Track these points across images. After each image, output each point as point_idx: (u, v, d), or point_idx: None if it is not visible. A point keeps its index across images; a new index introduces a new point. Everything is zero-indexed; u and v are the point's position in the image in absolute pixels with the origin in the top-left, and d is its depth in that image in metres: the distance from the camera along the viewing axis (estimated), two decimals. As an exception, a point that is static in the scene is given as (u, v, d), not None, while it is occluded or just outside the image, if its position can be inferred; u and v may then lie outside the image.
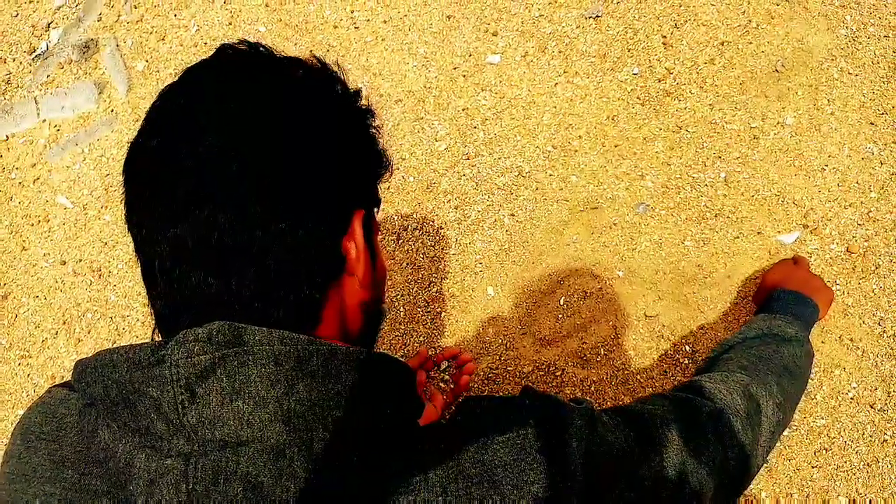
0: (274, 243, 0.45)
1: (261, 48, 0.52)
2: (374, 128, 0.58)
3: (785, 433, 1.09)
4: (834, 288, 1.13)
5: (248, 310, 0.46)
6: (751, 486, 1.09)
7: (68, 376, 1.46)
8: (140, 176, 0.48)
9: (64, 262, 1.50)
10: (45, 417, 0.49)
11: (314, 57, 0.55)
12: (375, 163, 0.58)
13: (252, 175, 0.45)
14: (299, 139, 0.48)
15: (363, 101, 0.57)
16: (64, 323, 1.47)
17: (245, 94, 0.48)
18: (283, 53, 0.54)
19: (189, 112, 0.47)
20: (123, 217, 0.50)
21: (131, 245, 0.49)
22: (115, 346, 0.46)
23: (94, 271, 1.48)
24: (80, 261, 1.49)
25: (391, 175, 0.61)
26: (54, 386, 0.53)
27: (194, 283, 0.45)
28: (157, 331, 0.49)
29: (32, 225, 1.55)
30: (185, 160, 0.45)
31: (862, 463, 1.07)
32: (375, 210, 0.60)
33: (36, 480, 0.46)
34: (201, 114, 0.47)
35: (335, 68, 0.55)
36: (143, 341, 0.45)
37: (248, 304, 0.46)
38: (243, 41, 0.52)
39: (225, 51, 0.52)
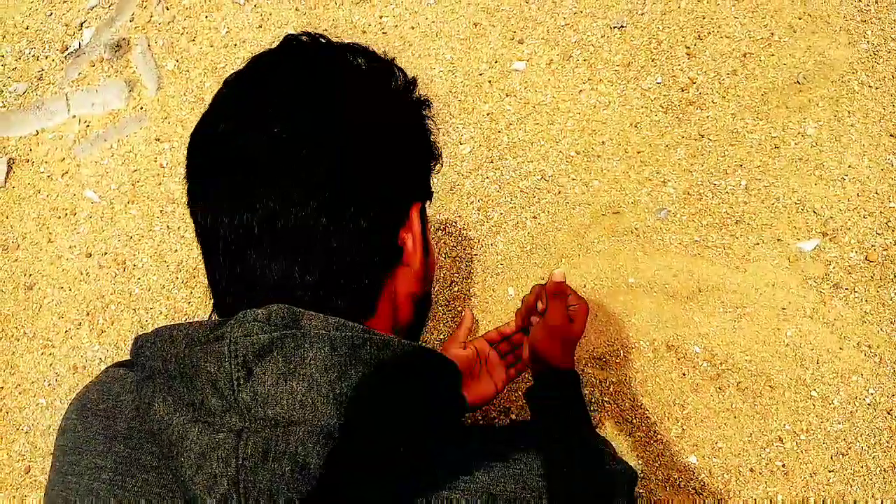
0: (338, 231, 0.46)
1: (322, 39, 0.53)
2: (430, 119, 0.59)
3: (801, 437, 1.11)
4: (852, 296, 1.15)
5: (310, 296, 0.46)
6: (766, 489, 1.10)
7: (91, 366, 1.48)
8: (206, 161, 0.49)
9: (89, 255, 1.52)
10: (101, 395, 0.51)
11: (375, 52, 0.56)
12: (431, 154, 0.59)
13: (320, 163, 0.46)
14: (365, 129, 0.49)
15: (419, 92, 0.58)
16: (87, 314, 1.49)
17: (312, 83, 0.49)
18: (343, 41, 0.54)
19: (256, 100, 0.48)
20: (185, 202, 0.50)
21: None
22: (173, 322, 0.47)
23: (118, 264, 1.50)
24: (106, 254, 1.51)
25: (441, 167, 0.62)
26: (111, 366, 0.54)
27: (257, 268, 0.46)
28: (214, 311, 0.50)
29: (59, 218, 1.58)
30: (252, 147, 0.46)
31: (879, 468, 1.08)
32: (427, 203, 0.60)
33: (89, 454, 0.47)
34: (269, 102, 0.47)
35: (393, 58, 0.56)
36: (202, 319, 0.46)
37: (310, 290, 0.46)
38: (305, 32, 0.53)
39: (290, 41, 0.53)
